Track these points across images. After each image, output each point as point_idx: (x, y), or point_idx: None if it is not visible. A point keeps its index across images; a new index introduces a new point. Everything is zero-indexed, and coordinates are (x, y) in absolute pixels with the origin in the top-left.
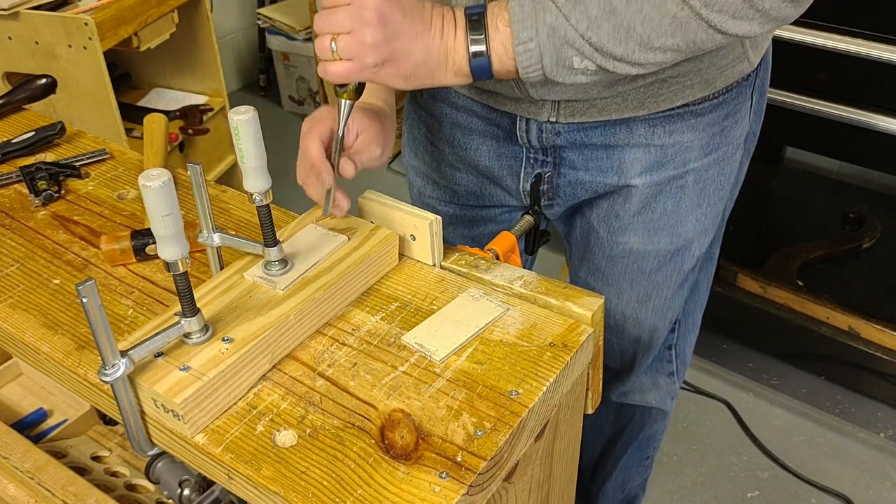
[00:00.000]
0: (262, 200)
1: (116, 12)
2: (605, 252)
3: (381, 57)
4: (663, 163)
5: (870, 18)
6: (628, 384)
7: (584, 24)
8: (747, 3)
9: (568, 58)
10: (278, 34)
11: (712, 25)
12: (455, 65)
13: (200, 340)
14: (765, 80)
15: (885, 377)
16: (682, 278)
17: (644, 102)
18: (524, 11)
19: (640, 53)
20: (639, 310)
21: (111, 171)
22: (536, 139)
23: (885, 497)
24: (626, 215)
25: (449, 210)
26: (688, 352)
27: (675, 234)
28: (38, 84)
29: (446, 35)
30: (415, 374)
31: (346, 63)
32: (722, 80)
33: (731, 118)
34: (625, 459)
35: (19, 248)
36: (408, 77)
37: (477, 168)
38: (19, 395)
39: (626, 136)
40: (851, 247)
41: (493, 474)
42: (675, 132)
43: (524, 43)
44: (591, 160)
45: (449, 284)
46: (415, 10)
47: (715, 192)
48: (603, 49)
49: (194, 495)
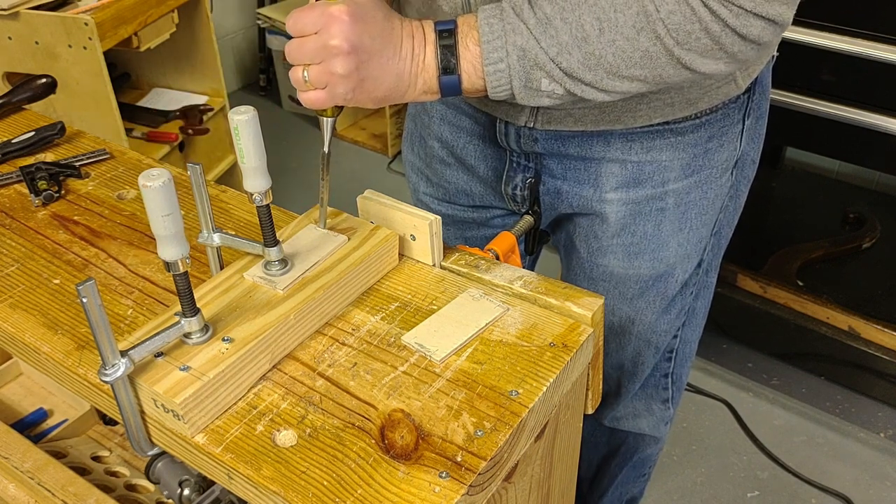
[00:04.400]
0: (262, 200)
1: (116, 12)
2: (586, 273)
3: (352, 85)
4: (640, 180)
5: (870, 18)
6: (619, 409)
7: (554, 49)
8: (717, 45)
9: (536, 80)
10: (278, 34)
11: (682, 63)
12: (424, 84)
13: (200, 340)
14: (760, 104)
15: (885, 377)
16: (667, 304)
17: (621, 117)
18: (494, 32)
19: (607, 81)
20: (621, 336)
21: (111, 171)
22: (515, 143)
23: (885, 497)
24: (605, 236)
25: (441, 209)
26: (684, 378)
27: (657, 258)
28: (38, 84)
29: (416, 56)
30: (415, 374)
31: (318, 92)
32: (706, 101)
33: (716, 140)
34: (620, 477)
35: (19, 248)
36: (379, 101)
37: (466, 166)
38: (19, 395)
39: (602, 149)
40: (851, 247)
41: (493, 474)
42: (653, 149)
43: (494, 63)
44: (570, 170)
45: (449, 284)
46: (384, 32)
47: (698, 216)
48: (572, 74)
49: (194, 495)
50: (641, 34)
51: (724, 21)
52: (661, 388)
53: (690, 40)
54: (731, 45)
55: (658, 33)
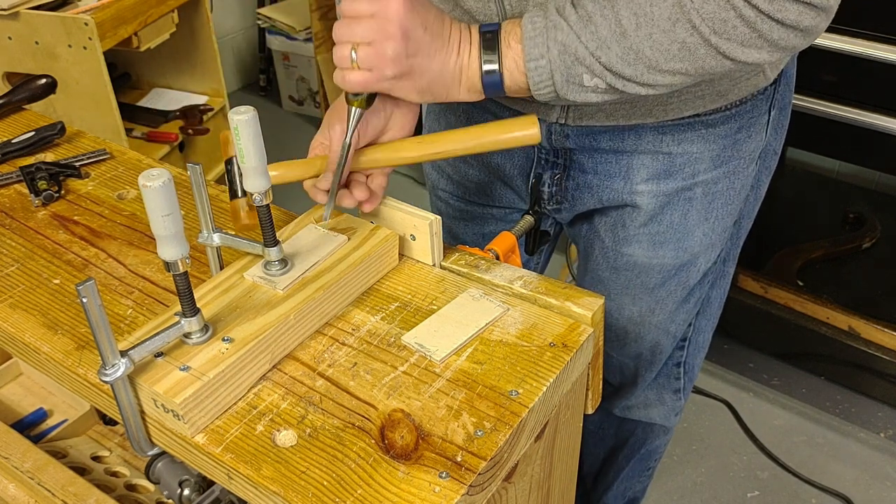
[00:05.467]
0: (262, 200)
1: (116, 12)
2: (609, 262)
3: (400, 70)
4: (671, 172)
5: (871, 19)
6: (632, 399)
7: (594, 44)
8: (755, 33)
9: (578, 75)
10: (278, 34)
11: (721, 52)
12: (468, 81)
13: (200, 340)
14: (785, 95)
15: (885, 377)
16: (687, 293)
17: (652, 110)
18: (536, 29)
19: (648, 75)
20: (640, 325)
21: (111, 171)
22: (546, 140)
23: (885, 497)
24: (633, 225)
25: (460, 205)
26: (696, 368)
27: (681, 247)
28: (38, 84)
29: (462, 52)
30: (415, 374)
31: (364, 73)
32: (735, 93)
33: (745, 131)
34: (626, 471)
35: (19, 248)
36: (423, 91)
37: (489, 165)
38: (19, 395)
39: (634, 142)
40: (851, 247)
41: (493, 474)
42: (685, 141)
43: (535, 60)
44: (600, 163)
45: (449, 284)
46: (435, 26)
47: (724, 206)
48: (612, 69)
49: (194, 495)
50: (677, 26)
51: (757, 7)
52: (672, 377)
53: (727, 28)
54: (770, 32)
55: (694, 23)
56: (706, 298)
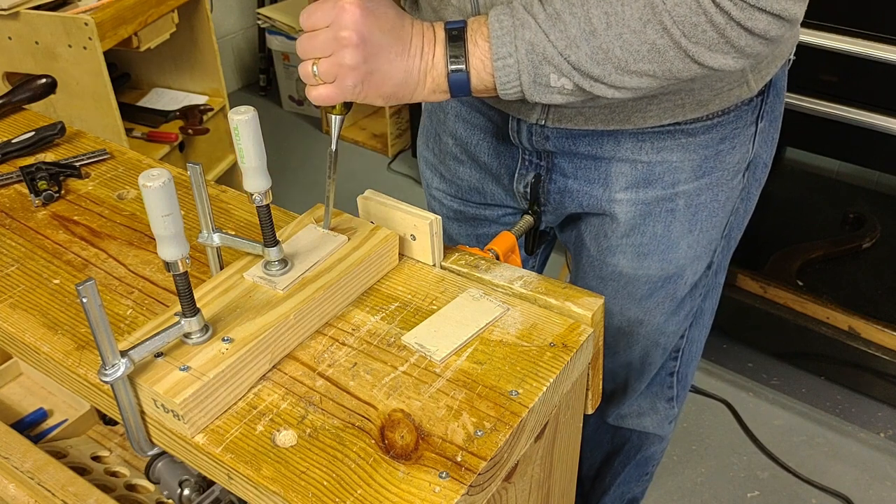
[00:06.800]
0: (262, 200)
1: (116, 12)
2: (596, 272)
3: (360, 77)
4: (650, 181)
5: (870, 18)
6: (625, 407)
7: (562, 42)
8: (724, 39)
9: (545, 75)
10: (278, 34)
11: (689, 56)
12: (433, 83)
13: (200, 340)
14: (774, 107)
15: (885, 377)
16: (676, 305)
17: (630, 117)
18: (503, 27)
19: (616, 76)
20: (630, 335)
21: (111, 171)
22: (527, 141)
23: (885, 497)
24: (615, 236)
25: (453, 205)
26: (689, 377)
27: (666, 259)
28: (38, 84)
29: (426, 54)
30: (415, 374)
31: (328, 87)
32: (717, 103)
33: (728, 142)
34: (623, 475)
35: (19, 248)
36: (388, 97)
37: (478, 163)
38: (19, 395)
39: (612, 149)
40: (851, 247)
41: (493, 474)
42: (664, 150)
43: (503, 58)
44: (580, 168)
45: (449, 284)
46: (394, 28)
47: (708, 218)
48: (580, 68)
49: (194, 495)
50: (648, 26)
51: (729, 14)
52: (666, 386)
53: (697, 33)
54: (738, 39)
55: (665, 25)
56: (699, 310)
